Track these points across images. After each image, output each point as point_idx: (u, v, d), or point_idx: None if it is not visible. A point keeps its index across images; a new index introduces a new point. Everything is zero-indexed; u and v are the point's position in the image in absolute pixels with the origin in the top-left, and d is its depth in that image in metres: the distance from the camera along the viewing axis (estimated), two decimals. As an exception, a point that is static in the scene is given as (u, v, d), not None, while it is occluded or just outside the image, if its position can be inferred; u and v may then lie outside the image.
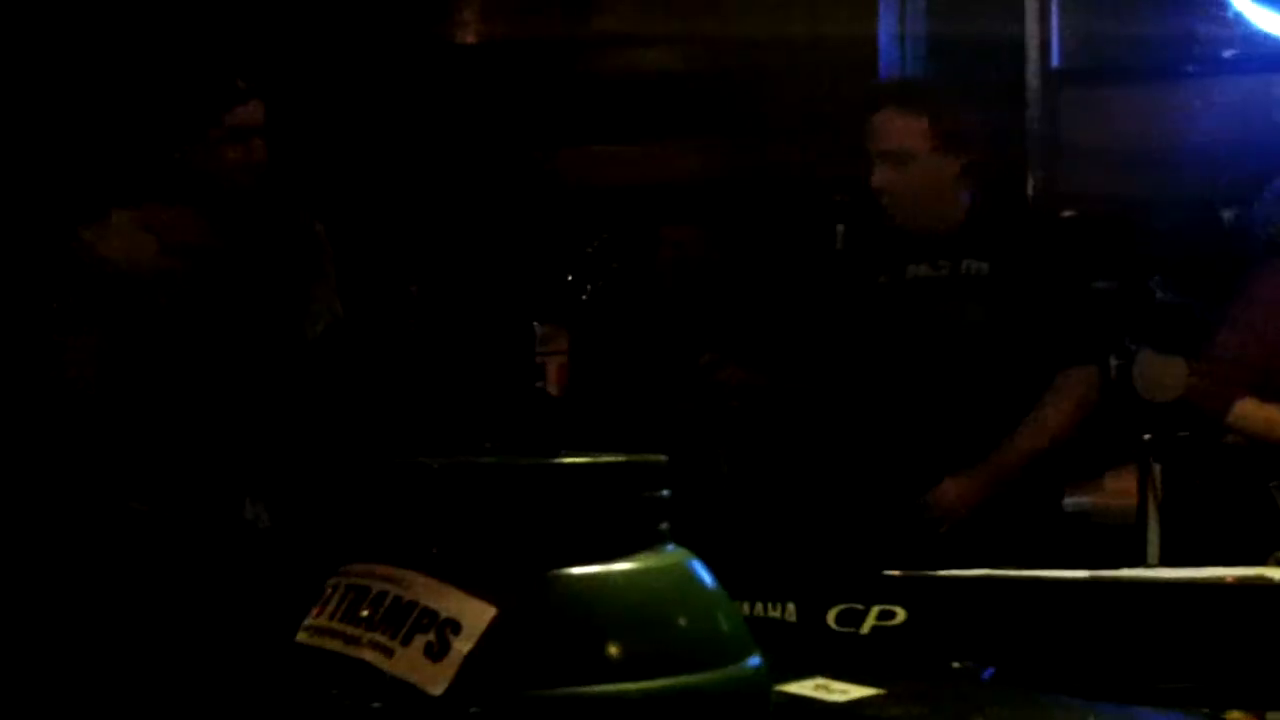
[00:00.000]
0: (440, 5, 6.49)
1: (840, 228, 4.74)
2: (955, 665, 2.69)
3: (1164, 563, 4.23)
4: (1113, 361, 5.72)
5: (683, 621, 1.55)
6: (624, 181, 6.28)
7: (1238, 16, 5.88)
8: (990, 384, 4.07)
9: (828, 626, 3.00)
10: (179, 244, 4.19)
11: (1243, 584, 2.91)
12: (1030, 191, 6.27)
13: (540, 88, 6.32)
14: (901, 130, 4.18)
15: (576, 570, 1.50)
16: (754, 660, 1.63)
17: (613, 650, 1.46)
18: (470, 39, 6.66)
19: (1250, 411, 3.83)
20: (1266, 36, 5.86)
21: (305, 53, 5.55)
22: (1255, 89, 6.12)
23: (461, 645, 1.45)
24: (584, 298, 4.10)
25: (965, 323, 4.11)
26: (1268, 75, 6.09)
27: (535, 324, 3.95)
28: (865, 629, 2.99)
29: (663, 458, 1.69)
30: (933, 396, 4.09)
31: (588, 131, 6.37)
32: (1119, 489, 5.54)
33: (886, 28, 6.00)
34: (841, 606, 3.01)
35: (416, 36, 6.30)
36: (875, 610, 2.98)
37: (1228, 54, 6.15)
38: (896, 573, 3.05)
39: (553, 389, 3.92)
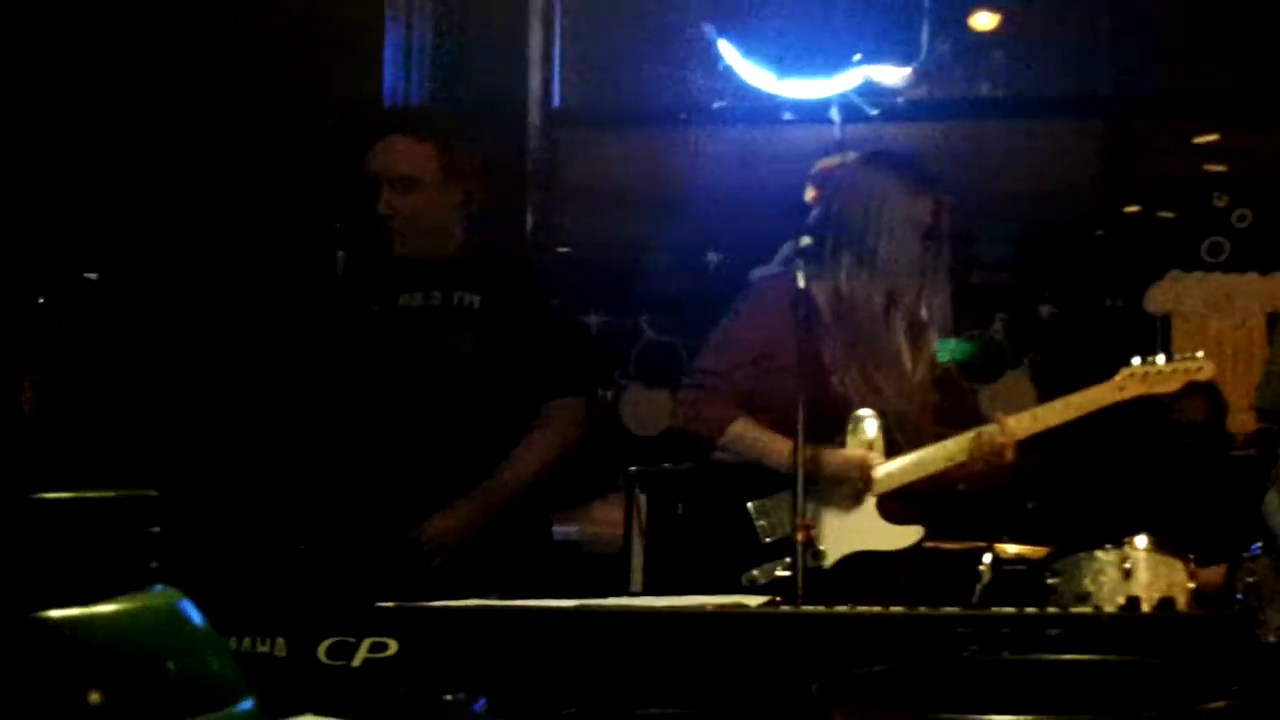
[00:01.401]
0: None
1: (341, 254, 4.69)
2: (447, 697, 2.70)
3: (648, 590, 4.38)
4: (602, 394, 5.90)
5: (172, 665, 1.49)
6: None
7: (728, 70, 6.16)
8: (480, 415, 4.10)
9: (319, 660, 2.97)
10: None
11: (722, 612, 3.06)
12: (528, 227, 6.39)
13: (43, 103, 6.00)
14: (409, 156, 4.18)
15: (57, 613, 1.42)
16: (246, 704, 1.58)
17: (95, 698, 1.39)
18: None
19: (743, 432, 3.98)
20: (755, 91, 6.15)
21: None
22: (743, 140, 6.43)
23: (-79, 694, 1.35)
24: (57, 320, 3.92)
25: (456, 354, 4.13)
26: (754, 127, 6.41)
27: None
28: (357, 661, 2.97)
29: (152, 492, 1.63)
30: (424, 427, 4.08)
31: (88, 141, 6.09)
32: (606, 518, 5.71)
33: (392, 58, 6.01)
34: (333, 639, 2.98)
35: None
36: (367, 643, 2.98)
37: (717, 105, 6.44)
38: (389, 604, 3.05)
39: (27, 408, 3.74)
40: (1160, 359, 3.92)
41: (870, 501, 3.84)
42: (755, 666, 2.87)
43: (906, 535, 3.86)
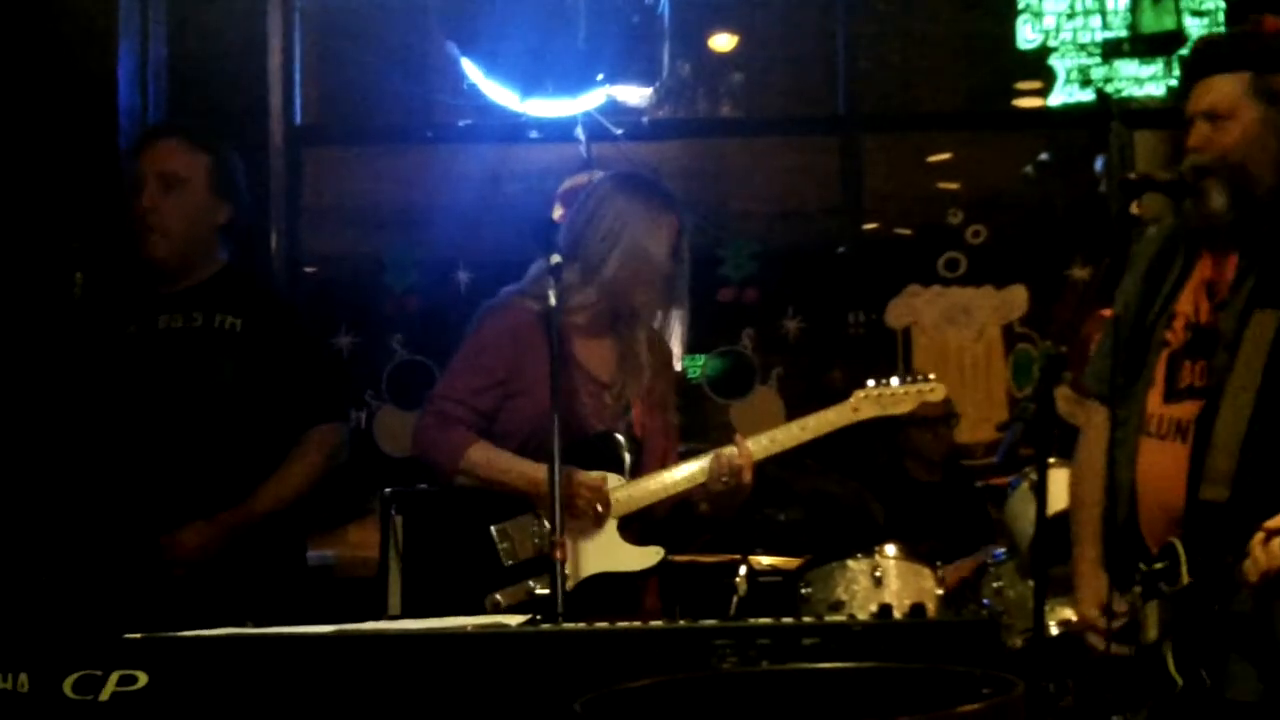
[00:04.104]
0: None
1: (79, 275, 4.55)
2: (202, 729, 2.64)
3: (405, 613, 4.32)
4: (355, 415, 5.84)
5: (-85, 705, 1.43)
6: None
7: (473, 88, 6.15)
8: (241, 438, 4.03)
9: (65, 695, 2.87)
10: None
11: (482, 632, 3.04)
12: (273, 247, 6.28)
13: None
14: (181, 157, 4.12)
15: None
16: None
17: None
18: None
19: (479, 457, 3.96)
20: (500, 109, 6.16)
21: None
22: (489, 158, 6.42)
23: None
24: None
25: (217, 376, 4.06)
26: (500, 146, 6.41)
27: None
28: (105, 696, 2.88)
29: None
30: (183, 449, 4.00)
31: None
32: (361, 541, 5.64)
33: (126, 74, 5.83)
34: (79, 674, 2.88)
35: None
36: (115, 676, 2.88)
37: (463, 123, 6.42)
38: (137, 636, 2.96)
39: None
40: (894, 381, 4.01)
41: (611, 524, 3.86)
42: (517, 686, 2.87)
43: (647, 556, 3.89)
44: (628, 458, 3.93)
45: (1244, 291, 3.01)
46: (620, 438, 3.94)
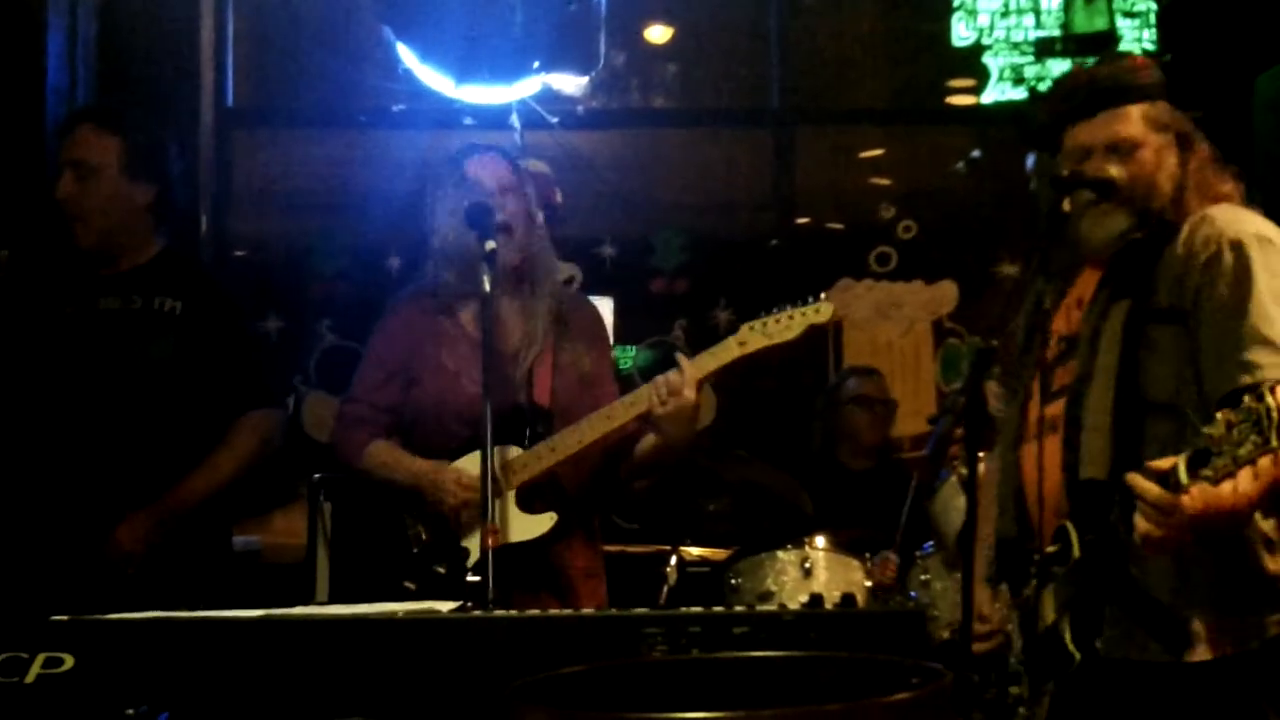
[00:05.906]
0: None
1: (4, 253, 4.52)
2: (129, 712, 2.62)
3: (333, 599, 4.32)
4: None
5: None
6: None
7: (407, 73, 6.13)
8: (178, 421, 4.01)
9: (-11, 678, 2.85)
10: None
11: (413, 618, 3.03)
12: (203, 229, 6.24)
13: None
14: (90, 144, 4.07)
15: None
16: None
17: None
18: None
19: (377, 454, 3.94)
20: (434, 95, 6.14)
21: None
22: (422, 144, 6.39)
23: None
24: None
25: (154, 359, 4.03)
26: (434, 132, 6.39)
27: None
28: (30, 678, 2.85)
29: None
30: (120, 431, 3.96)
31: None
32: (288, 527, 5.61)
33: (56, 52, 5.77)
34: (4, 655, 2.85)
35: None
36: (41, 658, 2.86)
37: (397, 108, 6.40)
38: (64, 618, 2.94)
39: None
40: (786, 309, 3.96)
41: (509, 496, 3.83)
42: (448, 672, 2.86)
43: (540, 524, 3.85)
44: (528, 428, 3.89)
45: (1105, 292, 3.10)
46: (522, 407, 3.89)
